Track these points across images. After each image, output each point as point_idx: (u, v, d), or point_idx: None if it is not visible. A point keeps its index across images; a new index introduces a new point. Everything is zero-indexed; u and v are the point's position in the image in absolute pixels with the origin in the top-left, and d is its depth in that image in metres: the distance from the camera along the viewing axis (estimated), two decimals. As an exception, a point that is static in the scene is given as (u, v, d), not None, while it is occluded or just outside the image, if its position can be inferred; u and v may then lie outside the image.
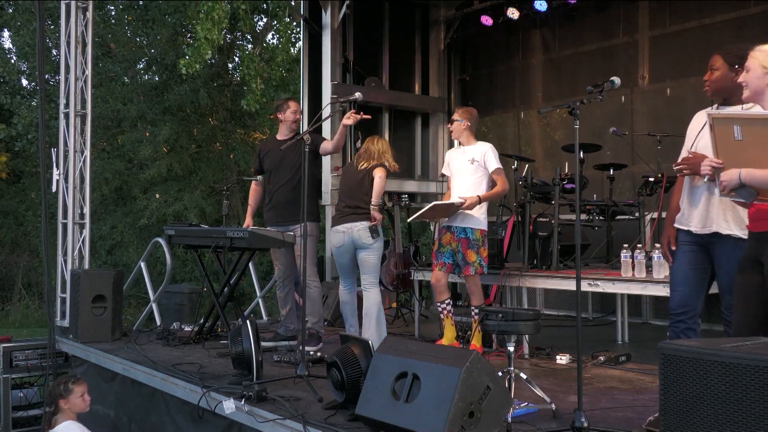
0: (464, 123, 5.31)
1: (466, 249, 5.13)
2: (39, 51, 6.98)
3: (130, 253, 14.64)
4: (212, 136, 15.74)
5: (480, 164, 5.20)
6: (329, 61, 8.04)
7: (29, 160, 16.28)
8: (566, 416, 3.52)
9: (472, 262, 5.12)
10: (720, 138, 2.76)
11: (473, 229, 5.14)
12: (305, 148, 4.65)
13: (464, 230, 5.15)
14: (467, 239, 5.14)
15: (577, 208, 3.61)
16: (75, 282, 6.23)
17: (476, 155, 5.23)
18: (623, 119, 7.42)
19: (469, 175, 5.22)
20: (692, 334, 3.38)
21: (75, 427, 4.47)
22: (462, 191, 5.18)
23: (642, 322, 7.19)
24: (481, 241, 5.16)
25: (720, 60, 3.42)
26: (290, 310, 5.77)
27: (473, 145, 5.32)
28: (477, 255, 5.13)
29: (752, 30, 6.50)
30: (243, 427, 3.92)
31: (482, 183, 5.21)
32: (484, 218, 5.23)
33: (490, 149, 5.24)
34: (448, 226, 5.25)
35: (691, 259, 3.48)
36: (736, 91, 3.16)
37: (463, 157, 5.30)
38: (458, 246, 5.16)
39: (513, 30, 8.64)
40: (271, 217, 5.69)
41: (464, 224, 5.16)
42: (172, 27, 15.26)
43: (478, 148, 5.27)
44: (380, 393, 3.17)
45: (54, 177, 6.82)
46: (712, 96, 3.52)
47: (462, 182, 5.25)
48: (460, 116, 5.34)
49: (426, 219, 5.58)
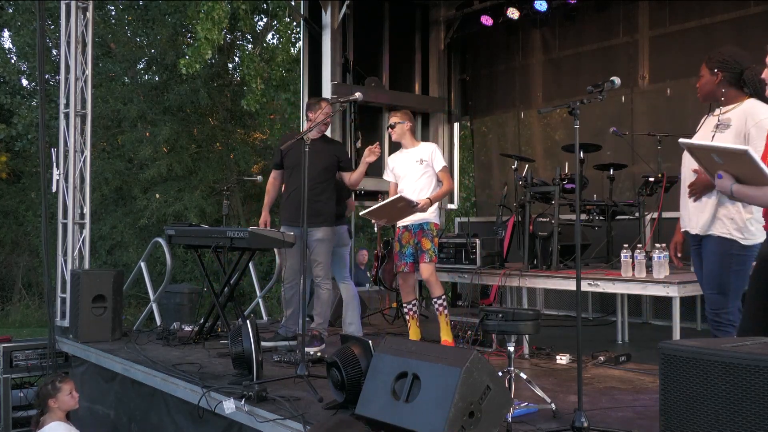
0: (407, 124, 5.36)
1: (421, 238, 5.26)
2: (39, 51, 6.99)
3: (130, 253, 14.66)
4: (212, 136, 15.75)
5: (428, 164, 5.25)
6: (329, 61, 8.04)
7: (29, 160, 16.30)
8: (566, 416, 3.52)
9: (427, 250, 5.22)
10: (703, 160, 2.94)
11: (429, 222, 5.28)
12: (305, 148, 4.63)
13: (420, 225, 5.28)
14: (422, 230, 5.27)
15: (577, 208, 3.61)
16: (75, 282, 6.23)
17: (424, 155, 5.27)
18: (623, 119, 7.41)
19: (418, 176, 5.25)
20: (731, 330, 3.43)
21: (62, 427, 4.47)
22: (412, 192, 5.21)
23: (642, 322, 7.19)
24: (434, 232, 5.30)
25: (703, 67, 3.63)
26: (294, 311, 5.65)
27: (417, 146, 5.37)
28: (431, 243, 5.24)
29: (752, 30, 6.50)
30: (243, 427, 3.92)
31: (432, 183, 5.29)
32: (437, 216, 5.42)
33: (436, 148, 5.33)
34: (405, 226, 5.33)
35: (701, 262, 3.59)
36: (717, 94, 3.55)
37: (409, 159, 5.32)
38: (415, 238, 5.29)
39: (513, 30, 8.64)
40: (287, 217, 5.55)
41: (420, 221, 5.27)
42: (172, 27, 15.27)
43: (424, 149, 5.32)
44: (380, 393, 3.17)
45: (54, 177, 6.82)
46: (704, 101, 3.71)
47: (411, 184, 5.27)
48: (400, 118, 5.36)
49: (377, 218, 5.39)
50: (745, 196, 2.75)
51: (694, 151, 2.94)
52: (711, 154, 2.80)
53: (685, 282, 4.48)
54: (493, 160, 9.29)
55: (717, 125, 3.54)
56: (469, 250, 5.71)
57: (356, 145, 8.16)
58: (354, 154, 8.21)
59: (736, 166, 2.70)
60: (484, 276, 5.63)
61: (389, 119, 5.46)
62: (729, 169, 2.71)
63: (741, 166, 2.68)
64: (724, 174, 2.73)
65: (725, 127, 3.48)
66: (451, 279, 6.13)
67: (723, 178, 2.73)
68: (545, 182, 5.72)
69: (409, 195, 5.19)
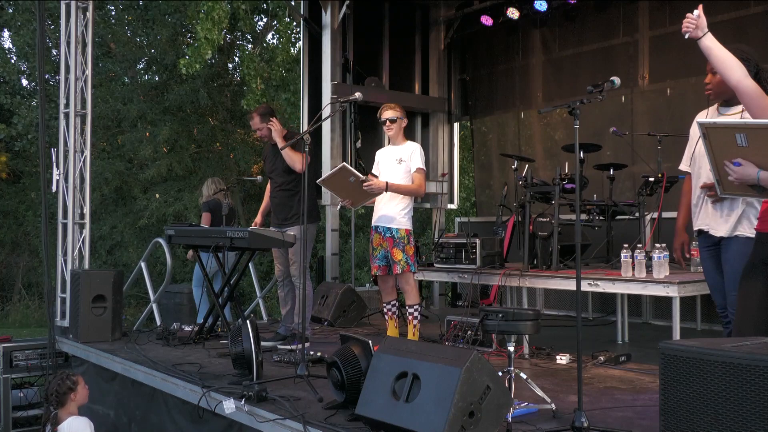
0: (404, 121, 5.27)
1: (391, 248, 5.15)
2: (39, 51, 6.98)
3: (130, 253, 14.65)
4: (212, 136, 15.74)
5: (407, 163, 5.18)
6: (329, 61, 8.05)
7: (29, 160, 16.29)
8: (566, 416, 3.52)
9: (398, 261, 5.12)
10: (718, 146, 2.62)
11: (398, 228, 5.15)
12: (305, 148, 4.65)
13: (389, 230, 5.17)
14: (392, 238, 5.15)
15: (577, 208, 3.61)
16: (75, 282, 6.23)
17: (404, 155, 5.20)
18: (623, 119, 7.41)
19: (396, 175, 5.17)
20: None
21: (82, 420, 4.49)
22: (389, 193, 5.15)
23: (642, 322, 7.19)
24: (406, 239, 5.15)
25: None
26: (289, 310, 5.81)
27: (403, 145, 5.27)
28: (403, 253, 5.12)
29: (752, 30, 6.50)
30: (243, 427, 3.92)
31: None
32: (408, 218, 5.21)
33: (419, 149, 5.21)
34: (375, 227, 5.26)
35: (715, 264, 3.58)
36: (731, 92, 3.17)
37: (391, 157, 5.27)
38: (386, 245, 5.18)
39: (513, 30, 8.65)
40: (272, 221, 5.90)
41: (388, 224, 5.17)
42: (172, 27, 15.26)
43: (407, 148, 5.23)
44: (380, 393, 3.17)
45: (54, 177, 6.81)
46: (715, 98, 3.54)
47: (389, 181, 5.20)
48: (398, 114, 5.23)
49: (334, 192, 5.40)
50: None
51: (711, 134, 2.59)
52: (735, 134, 2.47)
53: (685, 282, 4.48)
54: (493, 160, 9.29)
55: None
56: (469, 250, 5.71)
57: (356, 145, 8.16)
58: (354, 154, 8.21)
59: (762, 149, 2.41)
60: (484, 276, 5.63)
61: (383, 112, 5.25)
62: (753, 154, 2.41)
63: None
64: (743, 161, 2.46)
65: None
66: (451, 279, 6.13)
67: (743, 165, 2.47)
68: (545, 182, 5.72)
69: (384, 195, 5.14)
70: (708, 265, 3.64)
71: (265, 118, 5.69)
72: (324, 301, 7.17)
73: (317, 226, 6.05)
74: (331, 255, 8.34)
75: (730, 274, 3.45)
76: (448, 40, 9.22)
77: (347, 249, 10.63)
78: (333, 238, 8.38)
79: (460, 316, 5.67)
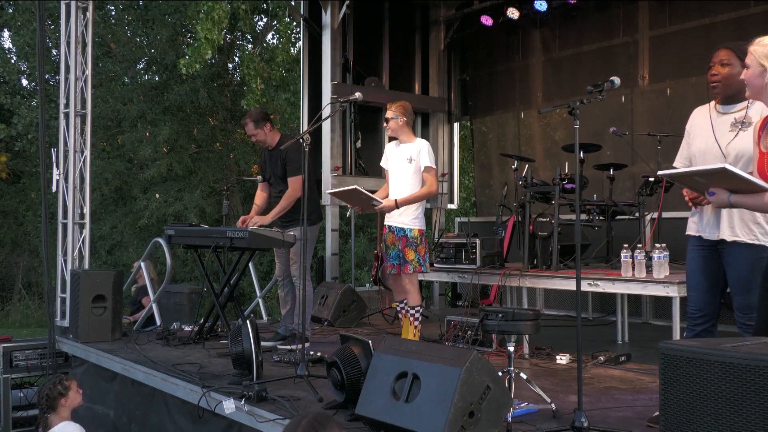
0: (401, 119, 5.21)
1: (404, 247, 5.14)
2: (39, 51, 6.98)
3: (130, 253, 14.65)
4: (212, 136, 15.75)
5: (417, 162, 5.15)
6: (329, 61, 8.05)
7: (29, 160, 16.29)
8: (566, 416, 3.52)
9: (410, 260, 5.12)
10: (688, 184, 3.08)
11: (411, 228, 5.15)
12: (305, 148, 4.64)
13: (402, 230, 5.17)
14: (405, 237, 5.15)
15: (577, 208, 3.61)
16: (75, 282, 6.23)
17: (413, 153, 5.16)
18: (623, 119, 7.41)
19: (407, 174, 5.16)
20: (709, 336, 3.38)
21: (74, 426, 4.47)
22: (399, 189, 5.16)
23: (642, 322, 7.18)
24: (419, 239, 5.16)
25: (733, 55, 3.34)
26: (289, 309, 5.80)
27: (411, 143, 5.23)
28: (415, 253, 5.12)
29: (753, 30, 6.45)
30: (243, 427, 3.92)
31: (420, 183, 5.18)
32: (421, 219, 5.22)
33: (426, 146, 5.18)
34: (389, 226, 5.25)
35: (702, 265, 3.50)
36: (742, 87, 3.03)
37: (400, 155, 5.24)
38: (399, 244, 5.18)
39: (513, 30, 8.64)
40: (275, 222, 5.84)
41: (401, 224, 5.17)
42: (172, 27, 15.27)
43: (415, 146, 5.19)
44: (380, 393, 3.17)
45: (54, 177, 6.81)
46: (721, 92, 3.43)
47: (400, 181, 5.20)
48: (394, 113, 5.20)
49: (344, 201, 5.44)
50: (744, 205, 2.78)
51: (676, 179, 3.02)
52: (694, 177, 2.88)
53: (685, 282, 4.46)
54: (493, 160, 9.29)
55: (735, 124, 3.36)
56: (469, 250, 5.71)
57: (356, 145, 8.17)
58: (354, 154, 8.21)
59: (722, 182, 2.73)
60: (484, 276, 5.62)
61: (386, 111, 5.30)
62: (717, 185, 2.75)
63: (726, 181, 2.71)
64: (715, 190, 2.78)
65: (749, 125, 3.26)
66: (451, 279, 6.12)
67: (716, 194, 2.77)
68: (545, 182, 5.72)
69: (394, 193, 5.16)
70: (694, 264, 3.55)
71: (259, 124, 5.69)
72: (324, 301, 7.16)
73: (319, 227, 6.05)
74: (331, 255, 8.34)
75: (734, 278, 3.41)
76: (448, 40, 9.22)
77: (347, 249, 10.63)
78: (333, 238, 8.38)
79: (460, 316, 5.66)
